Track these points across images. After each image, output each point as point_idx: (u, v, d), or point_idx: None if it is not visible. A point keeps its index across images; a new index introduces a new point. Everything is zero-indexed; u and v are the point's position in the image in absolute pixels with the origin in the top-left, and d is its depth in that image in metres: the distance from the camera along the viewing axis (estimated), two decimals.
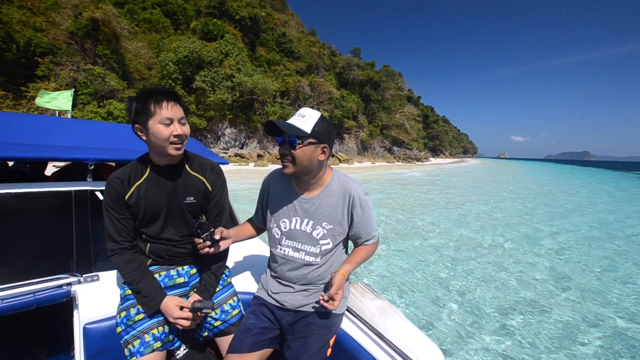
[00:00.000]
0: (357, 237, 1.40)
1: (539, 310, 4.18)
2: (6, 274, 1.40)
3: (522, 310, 4.15)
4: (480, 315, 3.96)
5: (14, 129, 1.83)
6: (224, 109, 32.56)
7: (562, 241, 7.64)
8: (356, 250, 1.42)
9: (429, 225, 8.92)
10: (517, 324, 3.82)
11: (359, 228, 1.37)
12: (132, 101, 1.24)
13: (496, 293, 4.61)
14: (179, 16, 37.44)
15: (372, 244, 1.43)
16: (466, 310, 4.09)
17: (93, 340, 1.28)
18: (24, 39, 23.12)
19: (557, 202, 14.75)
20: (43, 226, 1.60)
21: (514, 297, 4.51)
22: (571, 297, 4.61)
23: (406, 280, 4.96)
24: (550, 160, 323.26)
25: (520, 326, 3.76)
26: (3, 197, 1.48)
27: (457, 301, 4.33)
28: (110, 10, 27.40)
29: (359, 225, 1.36)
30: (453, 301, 4.32)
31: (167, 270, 1.40)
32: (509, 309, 4.15)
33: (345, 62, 56.57)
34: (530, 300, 4.43)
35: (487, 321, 3.84)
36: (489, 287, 4.82)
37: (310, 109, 1.26)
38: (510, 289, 4.78)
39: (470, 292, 4.64)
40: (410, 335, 1.25)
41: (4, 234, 1.49)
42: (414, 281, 4.95)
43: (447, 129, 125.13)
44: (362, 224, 1.36)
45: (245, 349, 1.25)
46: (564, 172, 49.84)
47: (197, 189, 1.38)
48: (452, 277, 5.14)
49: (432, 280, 4.99)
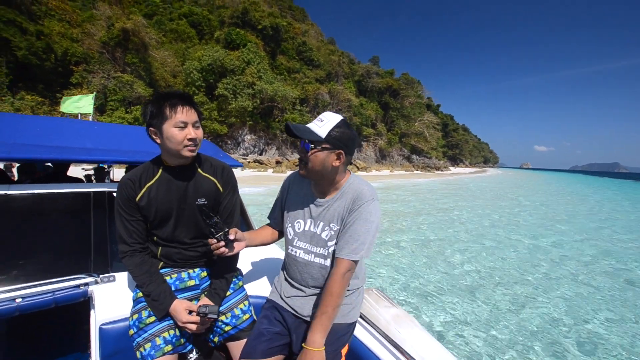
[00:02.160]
0: (337, 249, 1.24)
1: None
2: (27, 273, 1.44)
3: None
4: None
5: (35, 131, 1.88)
6: (245, 116, 33.28)
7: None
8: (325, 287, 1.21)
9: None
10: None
11: (343, 236, 1.23)
12: (147, 105, 1.25)
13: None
14: (203, 26, 38.84)
15: (342, 271, 1.19)
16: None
17: (108, 340, 1.29)
18: (62, 49, 24.68)
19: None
20: (62, 226, 1.63)
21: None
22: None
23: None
24: (577, 172, 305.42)
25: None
26: (24, 198, 1.53)
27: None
28: (140, 21, 28.84)
29: (345, 233, 1.23)
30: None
31: (179, 273, 1.40)
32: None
33: (364, 70, 56.71)
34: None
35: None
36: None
37: (332, 113, 1.23)
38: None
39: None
40: (427, 347, 1.20)
41: (25, 233, 1.53)
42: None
43: (467, 138, 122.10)
44: (349, 232, 1.22)
45: (258, 355, 1.23)
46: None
47: (208, 190, 1.37)
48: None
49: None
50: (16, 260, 1.46)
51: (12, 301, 1.32)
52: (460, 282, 5.32)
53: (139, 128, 2.59)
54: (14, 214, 1.51)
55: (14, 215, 1.51)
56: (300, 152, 1.25)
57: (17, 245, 1.49)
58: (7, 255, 1.45)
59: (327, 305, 1.16)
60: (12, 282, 1.39)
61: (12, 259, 1.46)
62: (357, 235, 1.20)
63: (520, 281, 5.50)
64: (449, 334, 3.69)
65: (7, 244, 1.47)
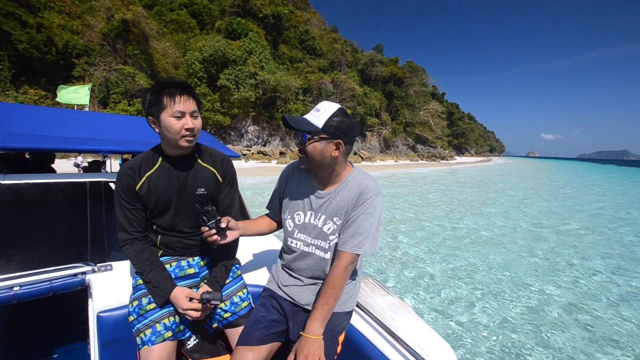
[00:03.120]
0: (341, 242, 1.25)
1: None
2: (24, 262, 1.45)
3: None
4: None
5: (31, 121, 1.88)
6: (248, 107, 33.16)
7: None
8: (327, 279, 1.23)
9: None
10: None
11: (346, 230, 1.24)
12: (146, 93, 1.24)
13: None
14: (204, 16, 38.44)
15: (345, 263, 1.21)
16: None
17: (106, 328, 1.30)
18: (62, 42, 24.62)
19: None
20: (60, 216, 1.65)
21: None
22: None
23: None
24: (585, 160, 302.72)
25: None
26: (20, 188, 1.54)
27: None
28: (140, 12, 28.58)
29: (349, 227, 1.24)
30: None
31: (178, 261, 1.41)
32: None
33: (367, 59, 55.93)
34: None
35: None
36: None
37: (329, 102, 1.21)
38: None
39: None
40: (421, 333, 1.20)
41: (22, 223, 1.54)
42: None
43: (473, 127, 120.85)
44: (353, 226, 1.23)
45: (254, 341, 1.24)
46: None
47: (207, 180, 1.38)
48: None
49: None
50: (14, 249, 1.47)
51: (10, 289, 1.33)
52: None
53: (135, 118, 2.58)
54: (11, 203, 1.52)
55: (11, 204, 1.52)
56: (299, 144, 1.24)
57: (14, 235, 1.50)
58: (5, 244, 1.46)
59: (328, 297, 1.18)
60: (10, 270, 1.40)
61: (9, 248, 1.47)
62: (361, 230, 1.21)
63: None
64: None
65: (5, 233, 1.48)
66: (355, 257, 1.22)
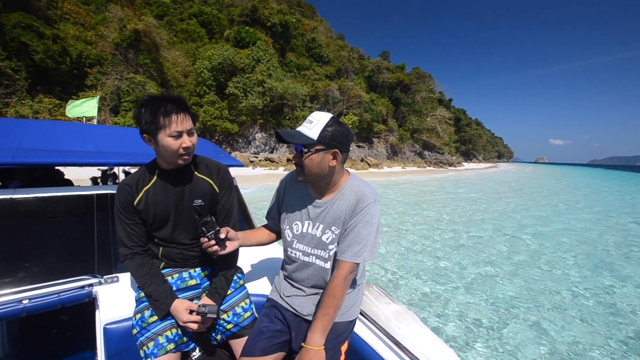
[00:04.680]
0: (339, 252, 1.25)
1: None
2: (33, 275, 1.47)
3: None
4: None
5: (39, 136, 1.91)
6: (255, 114, 33.43)
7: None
8: (327, 288, 1.22)
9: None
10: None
11: (345, 239, 1.24)
12: (140, 108, 1.22)
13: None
14: (213, 25, 39.12)
15: (344, 273, 1.20)
16: None
17: (113, 339, 1.31)
18: (76, 52, 25.29)
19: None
20: (67, 229, 1.67)
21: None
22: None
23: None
24: (597, 166, 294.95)
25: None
26: (29, 202, 1.57)
27: None
28: (151, 22, 29.26)
29: (347, 236, 1.23)
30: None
31: (180, 272, 1.42)
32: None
33: (374, 65, 56.05)
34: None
35: None
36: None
37: (320, 113, 1.21)
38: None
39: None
40: (427, 342, 1.19)
41: (31, 236, 1.56)
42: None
43: (481, 132, 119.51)
44: (351, 234, 1.22)
45: (258, 352, 1.24)
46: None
47: (204, 191, 1.38)
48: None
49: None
50: (22, 262, 1.49)
51: (19, 302, 1.35)
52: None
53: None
54: (20, 217, 1.55)
55: (20, 218, 1.55)
56: (295, 157, 1.24)
57: (23, 248, 1.53)
58: (14, 258, 1.49)
59: (328, 307, 1.18)
60: (18, 284, 1.42)
61: (18, 261, 1.49)
62: (359, 238, 1.21)
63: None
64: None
65: (14, 247, 1.51)
66: (355, 266, 1.22)
